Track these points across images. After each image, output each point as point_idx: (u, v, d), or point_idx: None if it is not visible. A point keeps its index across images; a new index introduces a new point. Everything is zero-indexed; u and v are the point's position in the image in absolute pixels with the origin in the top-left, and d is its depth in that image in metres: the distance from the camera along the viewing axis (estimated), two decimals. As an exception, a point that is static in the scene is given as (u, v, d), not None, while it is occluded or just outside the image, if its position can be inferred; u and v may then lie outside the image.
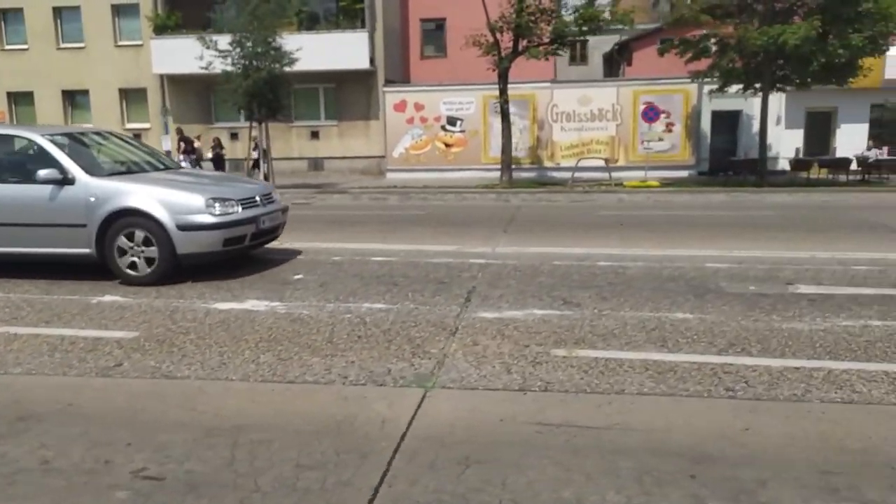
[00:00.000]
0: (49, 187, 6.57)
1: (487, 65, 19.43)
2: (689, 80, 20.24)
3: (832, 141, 22.67)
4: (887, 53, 19.95)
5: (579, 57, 32.90)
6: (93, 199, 6.52)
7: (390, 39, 24.46)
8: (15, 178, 6.81)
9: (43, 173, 6.47)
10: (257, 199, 7.19)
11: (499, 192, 17.98)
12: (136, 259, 6.56)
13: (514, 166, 20.15)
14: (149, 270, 6.55)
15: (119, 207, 6.49)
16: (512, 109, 20.34)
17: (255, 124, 19.53)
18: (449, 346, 4.58)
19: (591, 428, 3.31)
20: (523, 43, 19.00)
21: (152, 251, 6.51)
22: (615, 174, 19.52)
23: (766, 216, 12.03)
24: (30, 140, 6.83)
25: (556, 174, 21.15)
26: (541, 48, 19.07)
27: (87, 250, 6.63)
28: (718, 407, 3.58)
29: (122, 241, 6.54)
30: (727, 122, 21.64)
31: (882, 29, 16.24)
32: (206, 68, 18.12)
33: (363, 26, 22.95)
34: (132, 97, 24.87)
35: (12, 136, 7.00)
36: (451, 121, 22.65)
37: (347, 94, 23.96)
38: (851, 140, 21.93)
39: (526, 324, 5.09)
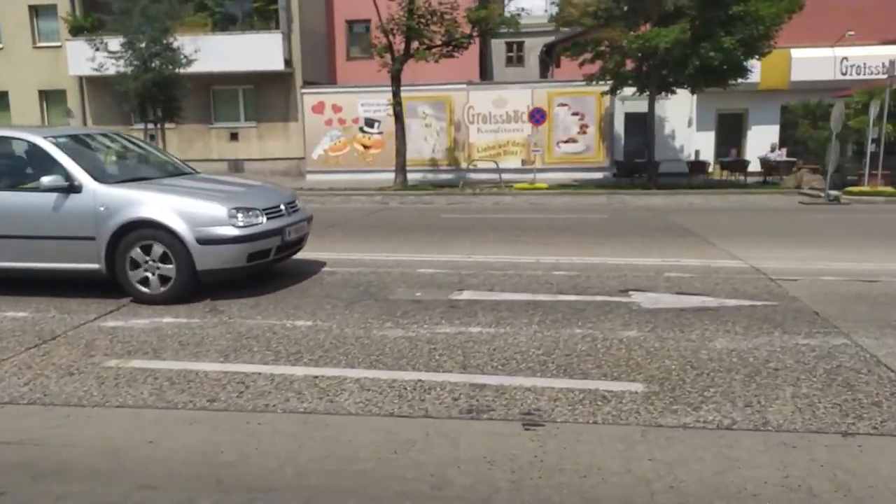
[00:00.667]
0: (53, 196, 5.90)
1: (420, 66, 19.54)
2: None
3: (744, 143, 22.70)
4: (793, 55, 20.96)
5: (516, 59, 32.84)
6: (102, 209, 5.86)
7: (312, 41, 24.50)
8: (14, 185, 6.14)
9: (46, 180, 5.80)
10: (282, 207, 6.54)
11: (385, 195, 18.12)
12: (150, 275, 5.91)
13: (431, 168, 20.89)
14: (164, 288, 5.89)
15: (132, 218, 5.82)
16: (429, 111, 21.50)
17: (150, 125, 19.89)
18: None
19: None
20: (415, 45, 19.01)
21: (169, 267, 5.86)
22: (511, 176, 20.21)
23: (599, 219, 12.28)
24: (30, 143, 6.15)
25: (473, 175, 21.00)
26: (433, 51, 19.17)
27: (95, 265, 5.96)
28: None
29: (136, 255, 5.88)
30: (641, 125, 21.89)
31: (752, 31, 16.30)
32: (98, 70, 18.54)
33: (278, 27, 23.10)
34: (52, 99, 24.90)
35: (10, 139, 6.30)
36: (369, 122, 22.89)
37: (266, 96, 24.10)
38: (762, 141, 21.93)
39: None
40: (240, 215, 5.97)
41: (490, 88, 23.09)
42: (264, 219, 6.18)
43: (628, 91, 19.26)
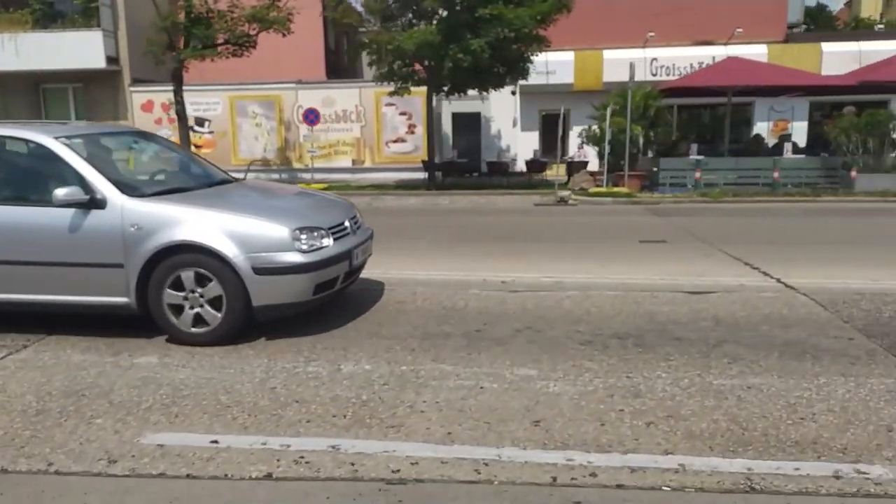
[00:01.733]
0: (70, 212, 4.71)
1: (273, 62, 19.37)
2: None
3: (567, 142, 22.46)
4: (605, 56, 21.21)
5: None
6: (133, 229, 4.67)
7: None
8: (20, 197, 4.93)
9: (62, 193, 4.59)
10: (346, 224, 5.38)
11: None
12: (192, 311, 4.74)
13: (263, 167, 21.39)
14: (210, 327, 4.74)
15: (171, 241, 4.64)
16: (258, 110, 22.14)
17: None
18: None
19: None
20: (195, 43, 18.75)
21: (217, 301, 4.70)
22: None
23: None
24: (37, 144, 4.92)
25: (305, 175, 20.84)
26: (218, 48, 18.93)
27: (123, 299, 4.78)
28: None
29: (175, 286, 4.71)
30: (469, 124, 21.75)
31: (499, 34, 16.23)
32: None
33: (100, 25, 22.36)
34: None
35: (10, 139, 5.06)
36: (199, 121, 22.61)
37: (95, 94, 23.36)
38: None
39: None
40: (304, 237, 4.82)
41: (318, 88, 22.76)
42: (331, 240, 5.03)
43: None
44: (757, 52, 20.35)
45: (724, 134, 18.18)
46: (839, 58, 19.52)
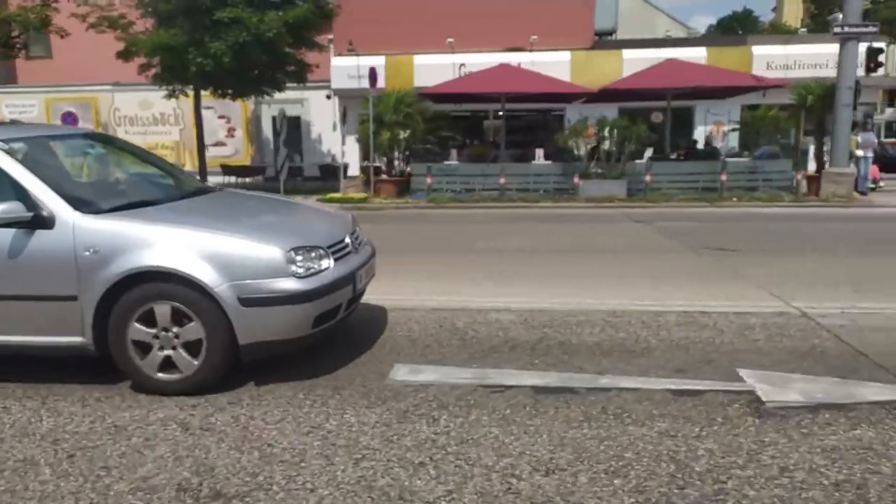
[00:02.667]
0: (8, 233, 3.81)
1: (98, 65, 18.84)
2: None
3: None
4: (416, 61, 20.94)
5: None
6: (89, 253, 3.78)
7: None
8: None
9: (-3, 209, 3.70)
10: (347, 241, 4.55)
11: None
12: (163, 353, 3.87)
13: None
14: (185, 372, 3.87)
15: (137, 267, 3.76)
16: (75, 113, 21.51)
17: None
18: None
19: None
20: None
21: (194, 340, 3.84)
22: None
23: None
24: None
25: None
26: None
27: (77, 339, 3.89)
28: None
29: (142, 323, 3.84)
30: (291, 128, 21.50)
31: (237, 37, 16.11)
32: None
33: None
34: None
35: None
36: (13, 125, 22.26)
37: None
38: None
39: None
40: (300, 259, 3.98)
41: (135, 90, 21.98)
42: (331, 261, 4.19)
43: (279, 94, 19.45)
44: (561, 58, 20.78)
45: (491, 139, 18.45)
46: (646, 64, 18.86)
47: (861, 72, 15.91)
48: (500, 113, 18.53)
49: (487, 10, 21.38)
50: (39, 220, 3.81)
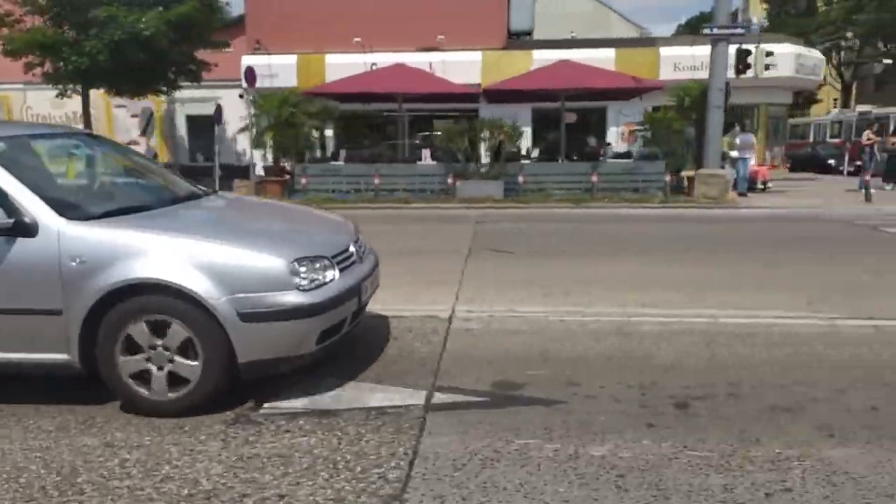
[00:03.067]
0: (-14, 240, 3.51)
1: (10, 63, 18.46)
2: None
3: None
4: (328, 60, 21.22)
5: None
6: (75, 263, 3.49)
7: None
8: None
9: (-27, 216, 3.39)
10: (351, 249, 4.29)
11: None
12: (155, 370, 3.59)
13: None
14: (180, 391, 3.59)
15: (127, 279, 3.47)
16: None
17: None
18: None
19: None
20: None
21: (189, 361, 3.56)
22: None
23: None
24: None
25: None
26: None
27: (62, 356, 3.59)
28: None
29: (133, 338, 3.56)
30: (205, 127, 21.50)
31: (112, 35, 16.13)
32: None
33: None
34: None
35: None
36: None
37: None
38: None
39: None
40: (304, 270, 3.71)
41: (48, 89, 21.45)
42: (336, 272, 3.93)
43: (187, 94, 19.34)
44: (473, 58, 21.11)
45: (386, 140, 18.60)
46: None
47: (732, 73, 16.16)
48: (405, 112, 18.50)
49: (401, 9, 21.50)
50: (21, 227, 3.51)
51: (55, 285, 3.49)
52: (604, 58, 20.55)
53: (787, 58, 22.06)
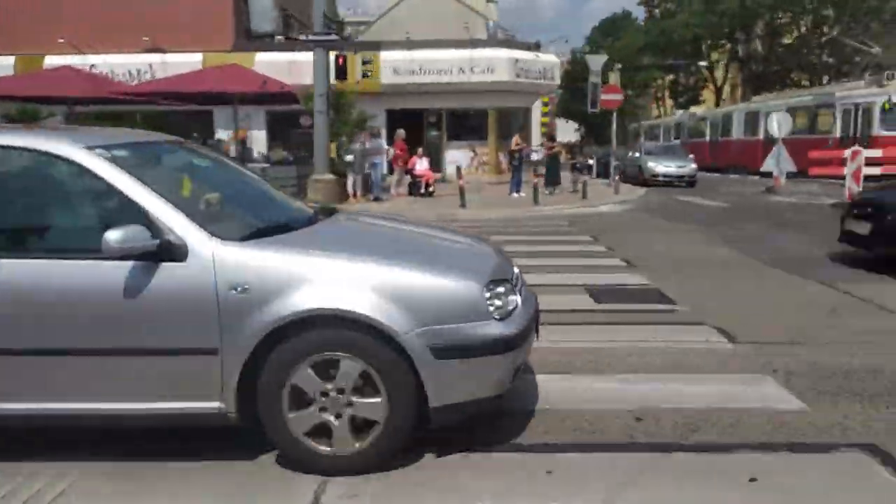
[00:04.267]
0: (125, 267, 2.89)
1: None
2: None
3: None
4: (46, 62, 20.61)
5: None
6: (236, 293, 2.89)
7: None
8: (41, 246, 3.11)
9: (116, 236, 2.76)
10: (516, 271, 3.74)
11: None
12: (332, 419, 2.99)
13: None
14: (367, 439, 2.99)
15: (302, 311, 2.88)
16: None
17: None
18: None
19: None
20: None
21: (372, 402, 2.97)
22: None
23: None
24: (65, 160, 3.05)
25: None
26: None
27: (213, 404, 2.97)
28: None
29: (300, 388, 2.96)
30: None
31: None
32: None
33: None
34: None
35: (21, 151, 3.17)
36: None
37: None
38: None
39: None
40: (496, 295, 3.16)
41: None
42: (518, 298, 3.38)
43: None
44: (193, 59, 20.90)
45: None
46: (274, 67, 19.36)
47: (334, 79, 16.14)
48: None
49: (125, 11, 21.64)
50: (168, 250, 2.91)
51: (210, 319, 2.89)
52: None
53: (502, 62, 22.81)
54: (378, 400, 2.95)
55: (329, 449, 3.00)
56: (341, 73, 15.99)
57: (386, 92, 22.50)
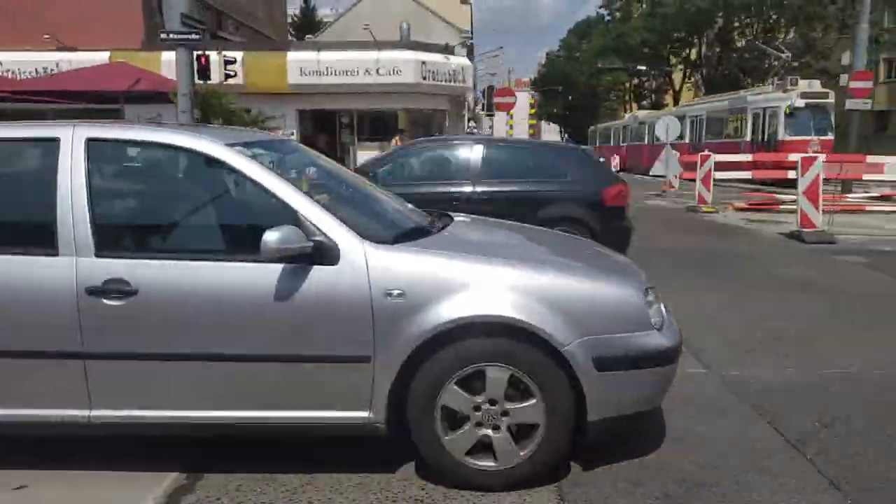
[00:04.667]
0: (273, 270, 2.77)
1: None
2: None
3: None
4: None
5: None
6: (391, 298, 2.76)
7: None
8: (196, 244, 3.00)
9: (276, 237, 2.65)
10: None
11: None
12: (490, 433, 2.85)
13: None
14: (530, 445, 2.85)
15: (460, 317, 2.74)
16: None
17: None
18: None
19: None
20: None
21: (529, 406, 2.82)
22: None
23: None
24: (212, 160, 2.92)
25: None
26: None
27: (361, 413, 2.85)
28: None
29: (454, 401, 2.83)
30: None
31: None
32: None
33: None
34: None
35: (166, 148, 3.07)
36: None
37: None
38: None
39: None
40: (648, 302, 3.01)
41: None
42: (663, 306, 3.23)
43: None
44: (100, 58, 20.29)
45: None
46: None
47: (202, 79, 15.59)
48: None
49: (35, 8, 21.42)
50: (321, 253, 2.78)
51: (364, 326, 2.76)
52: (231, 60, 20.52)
53: (409, 65, 22.66)
54: (533, 401, 2.81)
55: (494, 464, 2.86)
56: (202, 73, 15.42)
57: (295, 92, 22.43)
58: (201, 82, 15.49)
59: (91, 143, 2.89)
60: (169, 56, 20.25)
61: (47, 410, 2.85)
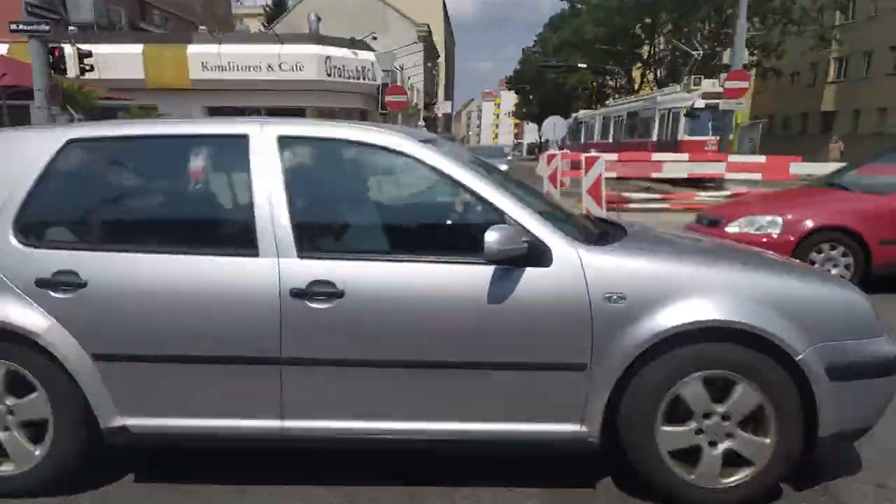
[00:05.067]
0: (484, 273, 2.60)
1: None
2: None
3: None
4: None
5: None
6: (611, 301, 2.58)
7: None
8: (401, 244, 2.83)
9: (496, 237, 2.49)
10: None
11: None
12: (706, 448, 2.66)
13: None
14: (733, 479, 2.67)
15: (688, 322, 2.56)
16: None
17: None
18: None
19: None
20: None
21: (758, 434, 2.65)
22: None
23: None
24: (409, 158, 2.77)
25: None
26: None
27: (573, 427, 2.67)
28: None
29: (684, 401, 2.64)
30: None
31: None
32: None
33: None
34: None
35: (372, 147, 2.82)
36: None
37: None
38: None
39: None
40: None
41: None
42: (870, 313, 3.06)
43: None
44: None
45: None
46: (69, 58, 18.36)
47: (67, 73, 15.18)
48: None
49: None
50: (535, 254, 2.62)
51: (582, 331, 2.59)
52: (132, 52, 20.22)
53: (312, 60, 21.80)
54: (766, 441, 2.63)
55: (690, 477, 2.68)
56: (56, 66, 14.37)
57: (198, 88, 21.46)
58: (72, 77, 14.87)
59: (282, 140, 2.75)
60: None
61: (239, 421, 2.68)
